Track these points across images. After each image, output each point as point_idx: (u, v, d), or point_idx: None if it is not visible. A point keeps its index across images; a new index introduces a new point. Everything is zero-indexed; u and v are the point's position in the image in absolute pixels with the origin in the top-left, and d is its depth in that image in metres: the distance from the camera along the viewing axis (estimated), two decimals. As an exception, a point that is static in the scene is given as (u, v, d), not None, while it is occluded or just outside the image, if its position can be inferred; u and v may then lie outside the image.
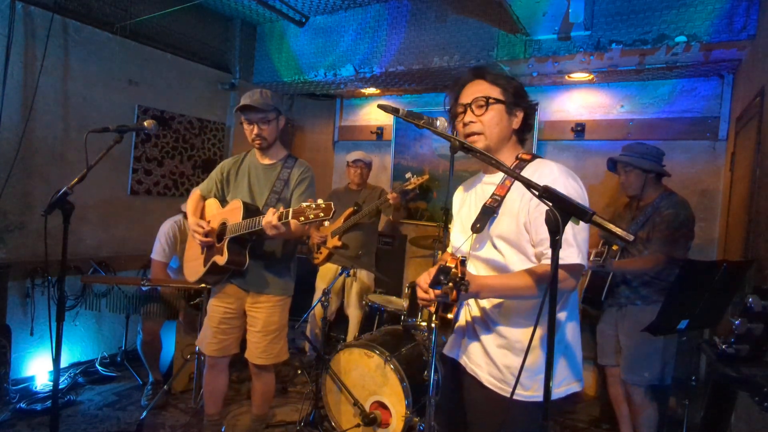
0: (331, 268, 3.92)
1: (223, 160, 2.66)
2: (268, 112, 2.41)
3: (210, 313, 2.54)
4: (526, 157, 1.55)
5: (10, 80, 3.16)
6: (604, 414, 3.32)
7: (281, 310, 2.51)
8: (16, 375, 3.28)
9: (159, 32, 4.02)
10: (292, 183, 2.47)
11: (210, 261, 2.40)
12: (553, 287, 1.07)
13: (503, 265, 1.48)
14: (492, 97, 1.53)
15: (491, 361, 1.50)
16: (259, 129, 2.41)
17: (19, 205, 3.27)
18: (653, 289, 2.66)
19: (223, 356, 2.54)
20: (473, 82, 1.58)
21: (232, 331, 2.53)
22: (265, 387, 2.61)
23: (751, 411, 2.05)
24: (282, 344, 2.54)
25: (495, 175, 1.59)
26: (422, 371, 2.85)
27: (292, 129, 5.26)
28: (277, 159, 2.53)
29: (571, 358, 1.50)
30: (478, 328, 1.56)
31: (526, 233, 1.44)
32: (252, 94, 2.42)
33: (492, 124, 1.53)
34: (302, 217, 1.96)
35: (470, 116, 1.54)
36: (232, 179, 2.58)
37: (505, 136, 1.57)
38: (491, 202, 1.51)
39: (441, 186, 4.74)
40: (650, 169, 2.71)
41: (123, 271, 3.86)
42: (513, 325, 1.48)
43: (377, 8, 4.01)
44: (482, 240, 1.54)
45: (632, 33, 2.98)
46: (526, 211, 1.44)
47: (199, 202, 2.60)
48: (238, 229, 2.27)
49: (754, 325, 1.51)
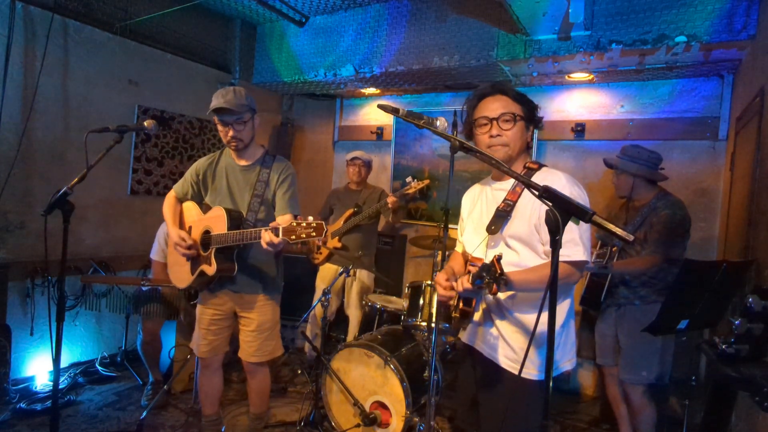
0: (331, 269, 3.92)
1: (197, 160, 2.58)
2: (242, 113, 2.31)
3: (200, 316, 2.52)
4: (533, 166, 1.73)
5: (10, 80, 3.16)
6: (604, 414, 3.32)
7: (273, 307, 2.50)
8: (16, 375, 3.28)
9: (159, 32, 4.02)
10: (273, 183, 2.42)
11: (198, 270, 2.37)
12: (553, 286, 1.09)
13: (517, 261, 1.66)
14: (518, 114, 1.72)
15: (507, 344, 1.70)
16: (235, 131, 2.32)
17: (19, 205, 3.27)
18: (652, 289, 2.67)
19: (214, 355, 2.53)
20: (495, 96, 1.75)
21: (221, 331, 2.51)
22: (260, 385, 2.59)
23: (751, 411, 2.05)
24: (276, 340, 2.53)
25: (505, 182, 1.79)
26: (422, 371, 2.85)
27: (292, 129, 5.26)
28: (254, 159, 2.46)
29: (572, 339, 1.75)
30: (495, 317, 1.75)
31: (537, 234, 1.65)
32: (225, 93, 2.29)
33: (516, 138, 1.72)
34: (293, 236, 1.95)
35: (497, 129, 1.71)
36: (209, 181, 2.50)
37: (522, 148, 1.77)
38: (504, 206, 1.71)
39: (441, 186, 4.74)
40: (636, 173, 2.74)
41: (123, 271, 3.86)
42: (525, 312, 1.69)
43: (377, 8, 4.01)
44: (496, 240, 1.73)
45: (632, 33, 2.98)
46: (537, 215, 1.63)
47: (176, 207, 2.54)
48: (226, 241, 2.23)
49: (754, 325, 1.50)
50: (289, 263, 4.50)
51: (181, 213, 2.56)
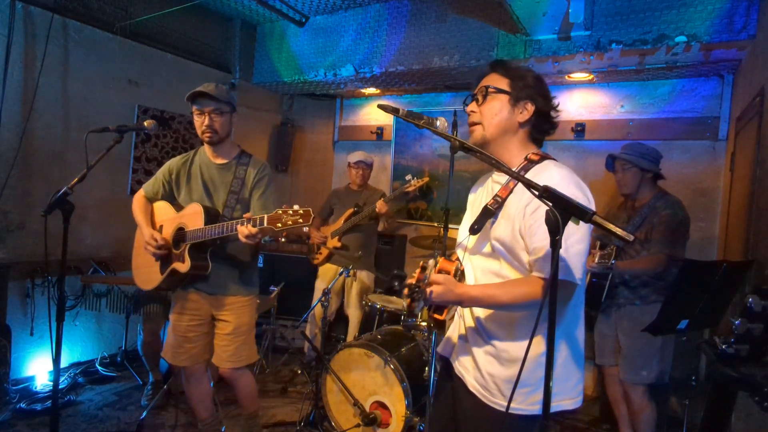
0: (331, 269, 3.92)
1: (170, 159, 2.53)
2: (222, 102, 2.31)
3: (174, 323, 2.42)
4: (534, 158, 1.46)
5: (10, 80, 3.16)
6: (604, 414, 3.32)
7: (250, 309, 2.44)
8: (16, 375, 3.28)
9: (159, 32, 4.02)
10: (249, 182, 2.37)
11: (169, 268, 2.31)
12: (553, 289, 1.04)
13: (497, 270, 1.44)
14: (492, 86, 1.48)
15: (476, 367, 1.48)
16: (211, 120, 2.29)
17: (19, 205, 3.27)
18: (652, 288, 2.67)
19: (194, 363, 2.44)
20: (488, 75, 1.54)
21: (199, 338, 2.42)
22: (246, 387, 2.50)
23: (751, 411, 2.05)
24: (251, 345, 2.45)
25: (503, 174, 1.50)
26: (422, 371, 2.85)
27: (292, 129, 5.26)
28: (230, 157, 2.42)
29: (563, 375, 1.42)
30: (468, 333, 1.53)
31: (521, 240, 1.37)
32: (207, 84, 2.32)
33: (490, 114, 1.47)
34: (279, 224, 1.90)
35: (472, 106, 1.51)
36: (182, 180, 2.44)
37: (505, 128, 1.48)
38: (492, 203, 1.45)
39: (441, 186, 4.74)
40: (648, 168, 2.73)
41: (123, 271, 3.85)
42: (501, 335, 1.44)
43: (377, 8, 4.01)
44: (483, 241, 1.49)
45: (632, 33, 2.98)
46: (521, 217, 1.36)
47: (146, 206, 2.49)
48: (203, 235, 2.18)
49: (754, 325, 1.50)
50: (289, 263, 4.53)
51: (152, 213, 2.51)
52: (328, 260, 3.96)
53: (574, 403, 1.45)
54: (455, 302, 1.38)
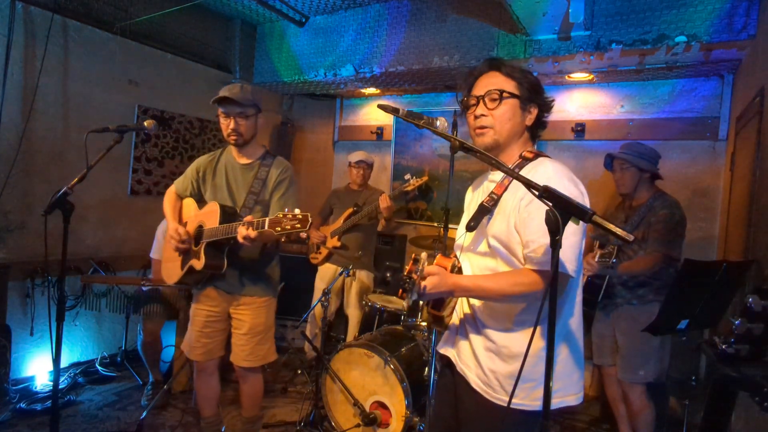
0: (331, 268, 3.92)
1: (199, 157, 2.59)
2: (247, 106, 2.34)
3: (193, 317, 2.47)
4: (528, 156, 1.49)
5: (10, 80, 3.16)
6: (604, 414, 3.33)
7: (267, 311, 2.46)
8: (16, 375, 3.28)
9: (159, 32, 4.02)
10: (270, 184, 2.40)
11: (187, 265, 2.35)
12: (554, 289, 1.05)
13: (494, 266, 1.46)
14: (506, 90, 1.47)
15: (478, 364, 1.48)
16: (236, 123, 2.34)
17: (19, 205, 3.27)
18: (649, 288, 2.67)
19: (209, 359, 2.49)
20: (488, 73, 1.52)
21: (216, 334, 2.46)
22: (252, 389, 2.54)
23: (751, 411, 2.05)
24: (269, 345, 2.48)
25: (498, 173, 1.54)
26: (422, 371, 2.85)
27: (293, 129, 5.26)
28: (254, 158, 2.46)
29: (566, 371, 1.44)
30: (468, 328, 1.54)
31: (517, 234, 1.39)
32: (232, 87, 2.35)
33: (504, 119, 1.48)
34: (279, 228, 1.92)
35: (482, 109, 1.49)
36: (208, 178, 2.49)
37: (516, 132, 1.51)
38: (488, 200, 1.48)
39: (441, 186, 4.74)
40: (646, 168, 2.73)
41: (123, 271, 3.86)
42: (501, 330, 1.45)
43: (377, 8, 4.01)
44: (479, 238, 1.51)
45: (632, 33, 2.98)
46: (516, 212, 1.39)
47: (176, 203, 2.54)
48: (215, 234, 2.21)
49: (754, 325, 1.50)
50: (289, 263, 4.51)
51: (180, 209, 2.56)
52: (327, 260, 3.96)
53: (577, 398, 1.46)
54: (447, 293, 1.39)
